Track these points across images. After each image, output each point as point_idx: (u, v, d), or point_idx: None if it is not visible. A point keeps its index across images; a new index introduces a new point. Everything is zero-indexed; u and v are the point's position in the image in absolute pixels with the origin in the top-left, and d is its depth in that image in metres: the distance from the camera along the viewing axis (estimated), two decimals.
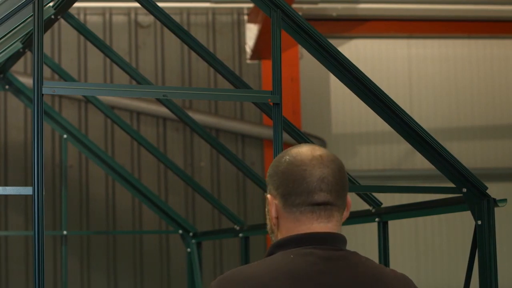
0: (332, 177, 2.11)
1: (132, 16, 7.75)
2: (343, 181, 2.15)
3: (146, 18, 7.71)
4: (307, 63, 7.83)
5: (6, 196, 7.37)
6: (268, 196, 2.17)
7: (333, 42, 3.44)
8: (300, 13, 4.32)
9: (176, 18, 7.35)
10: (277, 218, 2.16)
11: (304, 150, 2.14)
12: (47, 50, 7.40)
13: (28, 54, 5.99)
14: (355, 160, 8.07)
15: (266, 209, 2.20)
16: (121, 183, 6.04)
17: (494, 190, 4.03)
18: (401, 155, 8.13)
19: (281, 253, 2.10)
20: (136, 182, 6.07)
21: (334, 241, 2.11)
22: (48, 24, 4.44)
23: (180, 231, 6.20)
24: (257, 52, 7.71)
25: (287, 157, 2.15)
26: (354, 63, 3.37)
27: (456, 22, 8.26)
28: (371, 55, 8.22)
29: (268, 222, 2.21)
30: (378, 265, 2.16)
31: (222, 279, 2.07)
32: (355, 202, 2.70)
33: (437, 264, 8.09)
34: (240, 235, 5.60)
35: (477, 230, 3.41)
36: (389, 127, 3.44)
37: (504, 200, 3.43)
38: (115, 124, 6.11)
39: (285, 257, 2.08)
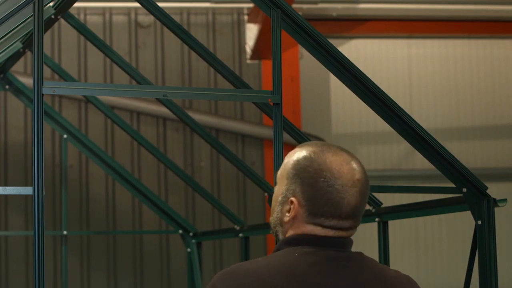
0: (362, 204, 2.13)
1: (132, 16, 7.75)
2: (366, 202, 2.19)
3: (146, 18, 7.71)
4: (307, 63, 7.82)
5: (6, 196, 7.37)
6: (294, 200, 2.13)
7: (333, 42, 3.44)
8: (300, 13, 4.32)
9: (176, 18, 7.35)
10: (293, 218, 2.16)
11: (345, 171, 2.10)
12: (47, 50, 7.40)
13: (28, 54, 5.99)
14: None
15: (279, 199, 2.17)
16: (121, 183, 6.04)
17: (494, 190, 4.03)
18: (401, 155, 8.13)
19: (285, 251, 2.11)
20: (136, 182, 6.07)
21: (340, 243, 2.12)
22: (48, 24, 4.44)
23: (180, 231, 6.20)
24: (257, 52, 7.71)
25: (328, 175, 2.09)
26: (354, 63, 3.37)
27: (456, 22, 8.26)
28: (371, 55, 8.22)
29: (276, 214, 2.18)
30: (381, 266, 2.16)
31: (223, 274, 2.08)
32: None
33: (437, 264, 8.08)
34: (240, 235, 5.60)
35: (477, 230, 3.41)
36: (389, 127, 3.44)
37: (504, 200, 3.42)
38: (115, 124, 6.11)
39: (287, 255, 2.09)
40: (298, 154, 2.18)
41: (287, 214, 2.15)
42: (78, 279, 7.43)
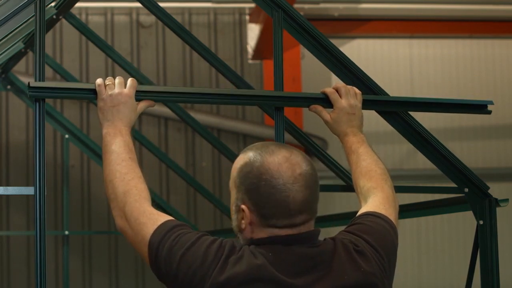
0: (311, 196, 2.15)
1: (134, 16, 7.75)
2: (318, 193, 2.19)
3: (148, 18, 7.71)
4: (308, 63, 7.82)
5: (8, 196, 7.37)
6: (244, 208, 2.17)
7: (335, 42, 3.44)
8: (301, 13, 4.31)
9: (178, 18, 7.35)
10: (250, 224, 2.20)
11: (284, 169, 2.12)
12: (48, 50, 7.40)
13: (30, 54, 6.00)
14: None
15: (233, 208, 2.23)
16: None
17: (496, 190, 4.03)
18: (403, 155, 8.12)
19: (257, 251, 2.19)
20: None
21: (302, 238, 2.18)
22: (49, 24, 4.44)
23: None
24: (259, 52, 7.71)
25: (268, 177, 2.12)
26: (355, 63, 3.37)
27: (458, 22, 8.25)
28: (372, 55, 8.22)
29: (234, 222, 2.26)
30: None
31: None
32: (356, 202, 2.70)
33: (438, 264, 8.08)
34: None
35: (479, 230, 3.41)
36: (391, 127, 3.44)
37: (506, 200, 3.42)
38: None
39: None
40: (239, 161, 2.22)
41: (242, 221, 2.20)
42: (80, 279, 7.43)
